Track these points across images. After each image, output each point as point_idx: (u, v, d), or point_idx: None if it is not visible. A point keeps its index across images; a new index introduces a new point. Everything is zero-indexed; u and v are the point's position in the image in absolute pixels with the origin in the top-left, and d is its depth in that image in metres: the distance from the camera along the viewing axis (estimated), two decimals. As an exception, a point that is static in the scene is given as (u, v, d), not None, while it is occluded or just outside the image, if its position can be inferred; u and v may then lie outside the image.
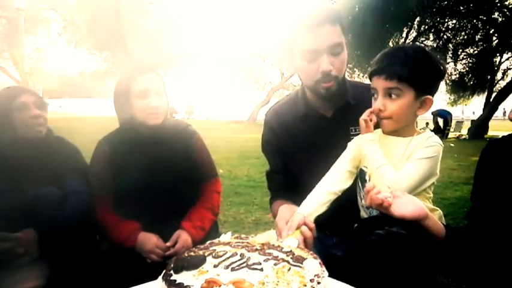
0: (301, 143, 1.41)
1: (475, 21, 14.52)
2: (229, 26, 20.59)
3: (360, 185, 1.25)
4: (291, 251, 0.92)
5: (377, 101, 1.15)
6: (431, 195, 1.20)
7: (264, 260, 0.86)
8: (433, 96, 1.15)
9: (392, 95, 1.11)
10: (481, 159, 1.11)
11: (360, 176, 1.24)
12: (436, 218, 1.03)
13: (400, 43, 15.80)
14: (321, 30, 1.20)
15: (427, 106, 1.14)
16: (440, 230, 1.01)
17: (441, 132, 14.08)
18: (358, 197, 1.28)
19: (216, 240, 1.03)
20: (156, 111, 1.45)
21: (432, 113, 14.48)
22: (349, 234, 1.23)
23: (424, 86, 1.12)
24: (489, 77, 16.25)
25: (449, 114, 14.65)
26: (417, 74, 1.09)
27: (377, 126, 1.23)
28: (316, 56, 1.22)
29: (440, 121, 14.46)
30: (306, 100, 1.41)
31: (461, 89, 17.71)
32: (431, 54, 1.14)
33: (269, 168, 1.56)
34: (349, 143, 1.28)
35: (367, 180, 1.21)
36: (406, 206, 0.96)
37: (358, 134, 1.30)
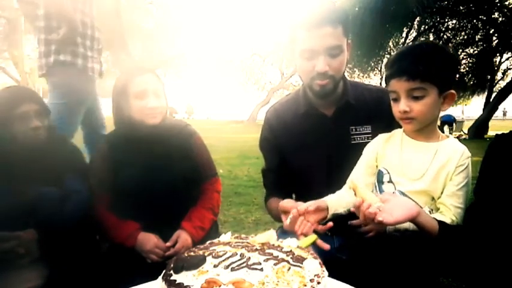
0: (301, 141, 1.41)
1: (475, 21, 14.51)
2: (229, 26, 20.59)
3: (376, 186, 1.25)
4: (291, 251, 0.92)
5: (401, 103, 1.11)
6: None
7: (264, 260, 0.86)
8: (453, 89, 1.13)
9: (417, 96, 1.09)
10: (488, 153, 1.11)
11: (378, 178, 1.24)
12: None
13: (400, 43, 15.81)
14: (320, 31, 1.20)
15: (450, 100, 1.12)
16: (434, 226, 1.01)
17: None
18: None
19: (216, 240, 1.03)
20: (154, 111, 1.45)
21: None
22: (354, 233, 1.23)
23: (446, 81, 1.10)
24: (489, 77, 16.24)
25: (454, 118, 14.74)
26: (438, 70, 1.07)
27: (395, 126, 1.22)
28: (314, 55, 1.24)
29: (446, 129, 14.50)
30: (307, 98, 1.41)
31: (461, 89, 17.68)
32: (445, 48, 1.14)
33: (265, 166, 1.56)
34: (364, 150, 1.28)
35: (384, 182, 1.21)
36: (398, 210, 0.96)
37: (358, 134, 1.29)
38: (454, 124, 14.62)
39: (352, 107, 1.37)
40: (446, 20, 14.99)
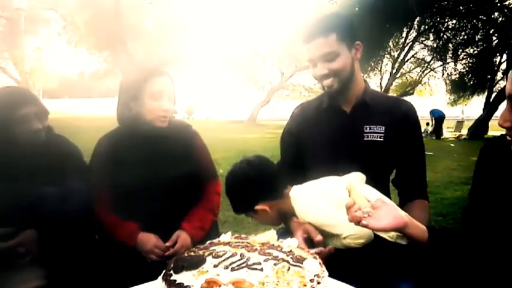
0: (319, 133, 1.49)
1: (475, 21, 14.49)
2: (229, 26, 20.60)
3: None
4: (291, 251, 0.92)
5: None
6: None
7: (264, 260, 0.86)
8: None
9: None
10: (479, 157, 1.12)
11: None
12: None
13: (400, 43, 15.83)
14: (313, 43, 1.36)
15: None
16: (423, 236, 1.01)
17: (436, 132, 14.21)
18: None
19: (216, 240, 1.03)
20: (166, 114, 1.46)
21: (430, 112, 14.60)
22: None
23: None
24: (489, 77, 16.22)
25: (442, 114, 14.65)
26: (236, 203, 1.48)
27: None
28: (313, 63, 1.40)
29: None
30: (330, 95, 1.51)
31: (461, 89, 17.66)
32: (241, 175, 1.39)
33: (280, 160, 1.61)
34: None
35: None
36: (385, 218, 0.97)
37: (371, 132, 1.41)
38: (442, 121, 14.55)
39: (368, 106, 1.45)
40: (446, 20, 14.97)
